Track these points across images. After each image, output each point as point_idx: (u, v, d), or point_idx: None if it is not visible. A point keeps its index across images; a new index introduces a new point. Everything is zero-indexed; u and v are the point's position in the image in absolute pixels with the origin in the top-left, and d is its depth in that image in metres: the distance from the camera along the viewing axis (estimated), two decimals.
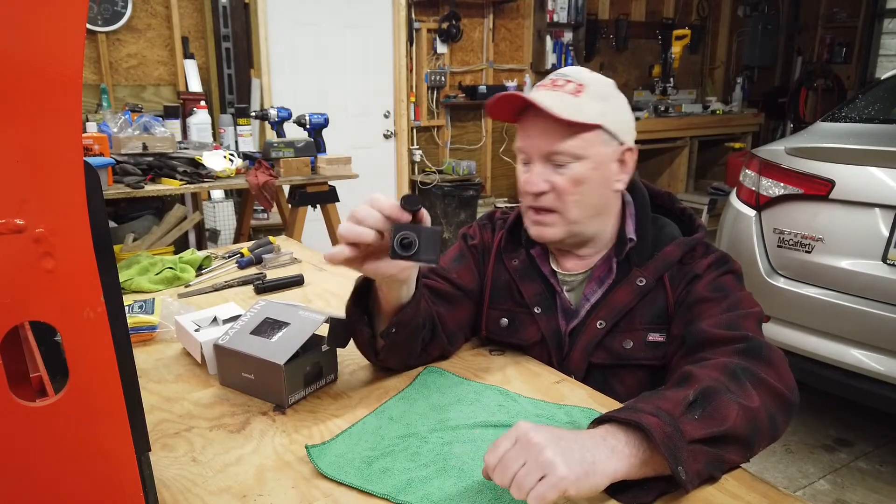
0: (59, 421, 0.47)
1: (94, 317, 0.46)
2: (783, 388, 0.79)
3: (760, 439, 0.75)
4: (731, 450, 0.72)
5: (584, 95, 0.92)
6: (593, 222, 0.97)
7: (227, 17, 3.64)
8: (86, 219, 0.45)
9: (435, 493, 0.69)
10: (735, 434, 0.71)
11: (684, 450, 0.67)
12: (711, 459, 0.69)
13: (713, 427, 0.69)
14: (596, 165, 0.93)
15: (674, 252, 0.96)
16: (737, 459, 0.73)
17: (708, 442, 0.69)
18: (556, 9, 4.92)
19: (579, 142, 0.91)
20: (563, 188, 0.92)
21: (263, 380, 0.90)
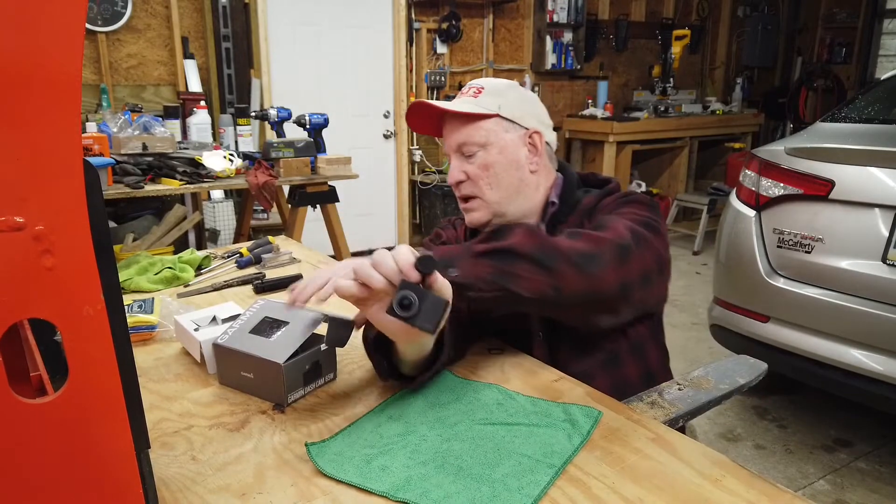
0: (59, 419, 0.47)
1: (93, 314, 0.47)
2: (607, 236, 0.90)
3: (561, 264, 0.85)
4: (519, 265, 0.85)
5: (482, 95, 1.07)
6: (514, 202, 1.09)
7: (227, 17, 3.65)
8: (85, 216, 0.45)
9: (433, 491, 0.69)
10: (518, 250, 0.85)
11: (465, 259, 0.84)
12: (495, 270, 0.85)
13: (494, 244, 0.86)
14: (500, 150, 1.06)
15: (590, 200, 1.10)
16: (530, 276, 0.85)
17: (491, 255, 0.85)
18: (556, 9, 4.92)
19: (479, 131, 1.05)
20: (475, 174, 1.06)
21: (263, 379, 0.90)
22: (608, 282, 0.88)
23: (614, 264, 0.89)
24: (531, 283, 0.85)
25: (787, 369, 2.19)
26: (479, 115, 1.05)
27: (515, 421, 0.82)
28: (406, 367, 0.91)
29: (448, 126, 1.09)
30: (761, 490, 0.69)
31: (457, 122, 1.07)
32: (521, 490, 0.69)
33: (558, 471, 0.72)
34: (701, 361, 2.88)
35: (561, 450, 0.76)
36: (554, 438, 0.78)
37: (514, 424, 0.81)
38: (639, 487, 0.70)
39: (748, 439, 2.31)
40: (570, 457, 0.75)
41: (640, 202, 1.04)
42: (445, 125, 1.10)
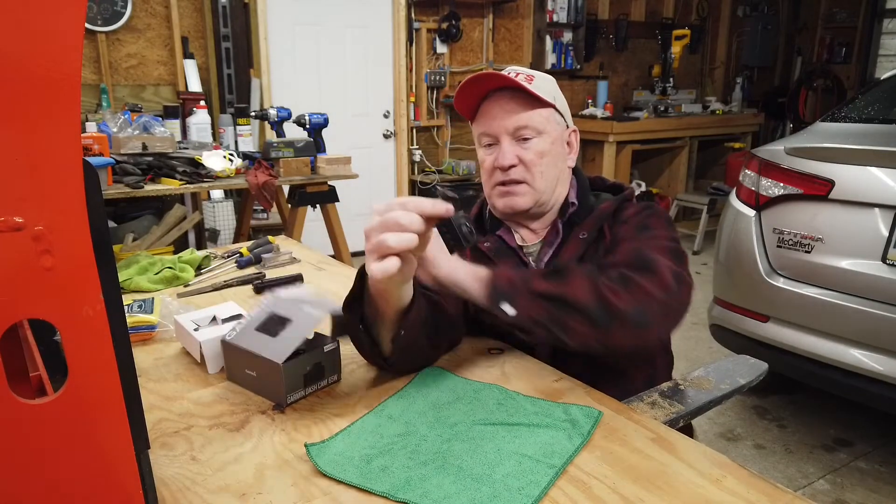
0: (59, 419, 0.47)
1: (93, 314, 0.47)
2: (655, 289, 0.88)
3: (614, 324, 0.85)
4: (573, 318, 0.85)
5: (536, 82, 1.07)
6: (553, 193, 1.10)
7: (226, 17, 3.65)
8: (85, 217, 0.45)
9: (434, 491, 0.69)
10: (576, 303, 0.85)
11: (524, 296, 0.85)
12: (550, 316, 0.85)
13: (555, 288, 0.86)
14: (553, 140, 1.07)
15: (608, 207, 1.09)
16: (581, 330, 0.85)
17: (549, 299, 0.85)
18: (555, 9, 4.92)
19: (539, 118, 1.06)
20: (530, 160, 1.06)
21: (265, 377, 0.90)
22: (654, 336, 0.90)
23: (662, 319, 0.89)
24: (581, 336, 0.87)
25: (786, 369, 2.19)
26: (542, 100, 1.05)
27: (516, 421, 0.82)
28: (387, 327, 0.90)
29: (499, 106, 1.05)
30: (762, 490, 0.69)
31: (515, 104, 1.04)
32: (521, 490, 0.68)
33: (559, 471, 0.72)
34: (701, 361, 2.88)
35: (561, 450, 0.76)
36: (554, 438, 0.78)
37: (515, 425, 0.81)
38: (639, 488, 0.70)
39: (748, 439, 2.31)
40: (571, 457, 0.75)
41: (660, 216, 1.06)
42: (493, 105, 1.06)
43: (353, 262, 3.13)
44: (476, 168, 4.68)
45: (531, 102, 1.04)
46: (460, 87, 1.06)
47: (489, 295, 0.86)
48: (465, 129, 4.92)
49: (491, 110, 1.07)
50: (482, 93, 1.07)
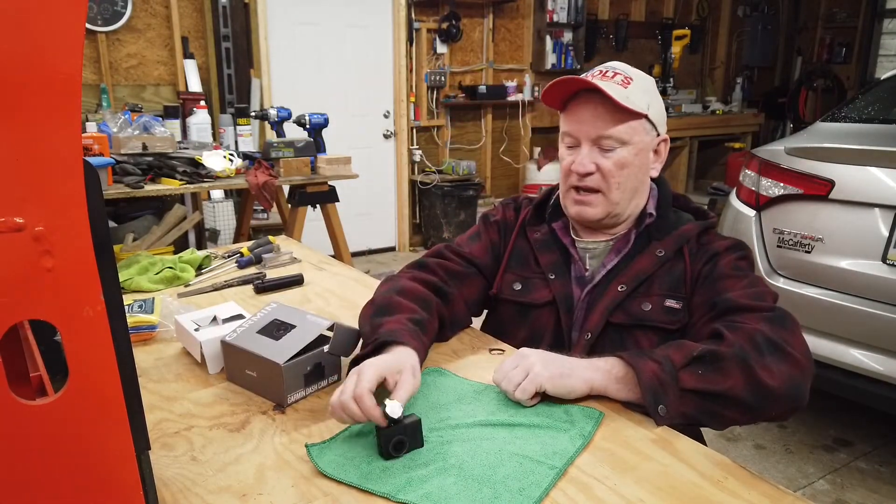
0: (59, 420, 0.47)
1: (93, 315, 0.46)
2: (802, 358, 0.86)
3: (771, 404, 0.83)
4: (728, 408, 0.83)
5: (632, 87, 1.00)
6: (629, 204, 1.05)
7: (226, 17, 3.64)
8: (85, 217, 0.45)
9: (434, 492, 0.69)
10: (731, 396, 0.82)
11: (673, 393, 0.81)
12: (703, 410, 0.83)
13: (707, 384, 0.82)
14: (637, 151, 1.02)
15: (692, 230, 1.04)
16: (738, 418, 0.85)
17: (701, 395, 0.82)
18: (555, 9, 4.92)
19: (626, 128, 1.00)
20: (609, 171, 1.01)
21: (265, 378, 0.90)
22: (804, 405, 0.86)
23: (808, 385, 0.86)
24: (732, 422, 0.86)
25: None
26: (632, 111, 0.98)
27: (517, 422, 0.82)
28: None
29: (589, 110, 1.00)
30: (763, 492, 0.69)
31: (603, 109, 0.99)
32: (522, 491, 0.68)
33: (560, 472, 0.72)
34: None
35: (562, 451, 0.76)
36: (555, 439, 0.78)
37: (516, 425, 0.81)
38: (640, 489, 0.70)
39: (748, 439, 2.31)
40: (572, 458, 0.75)
41: (749, 259, 1.02)
42: (583, 106, 1.01)
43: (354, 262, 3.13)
44: (476, 168, 4.68)
45: (622, 111, 0.98)
46: (550, 85, 1.02)
47: (640, 393, 0.82)
48: (465, 129, 4.92)
49: (578, 112, 1.02)
50: (573, 90, 1.02)
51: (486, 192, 4.96)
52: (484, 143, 4.99)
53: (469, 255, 1.13)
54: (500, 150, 5.07)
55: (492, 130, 4.99)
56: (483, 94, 4.65)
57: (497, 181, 5.12)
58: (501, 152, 5.08)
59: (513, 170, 5.16)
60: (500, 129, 5.04)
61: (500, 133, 5.05)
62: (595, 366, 0.87)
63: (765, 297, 0.93)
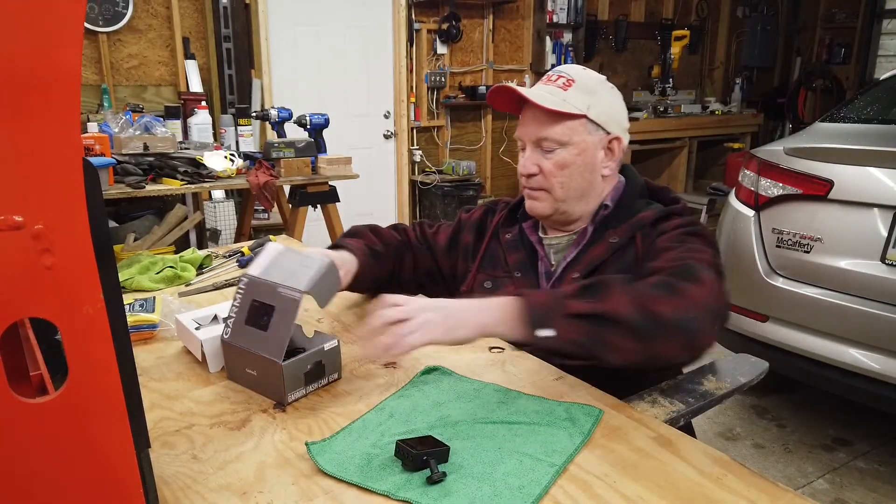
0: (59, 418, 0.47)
1: (93, 313, 0.47)
2: (703, 298, 0.84)
3: (660, 335, 0.82)
4: (615, 334, 0.81)
5: (572, 89, 1.05)
6: (578, 203, 1.09)
7: (227, 18, 3.65)
8: (85, 215, 0.45)
9: (434, 491, 0.69)
10: (618, 318, 0.81)
11: (559, 319, 0.81)
12: (592, 336, 0.82)
13: (593, 306, 0.82)
14: (580, 152, 1.05)
15: (649, 215, 1.06)
16: (626, 346, 0.82)
17: (588, 319, 0.81)
18: (555, 9, 4.92)
19: (563, 129, 1.04)
20: (550, 171, 1.06)
21: (265, 376, 0.90)
22: (704, 344, 0.86)
23: (710, 326, 0.85)
24: (625, 353, 0.82)
25: (786, 369, 2.19)
26: (567, 114, 1.03)
27: (516, 420, 0.82)
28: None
29: (530, 114, 1.07)
30: (762, 489, 0.69)
31: (541, 113, 1.04)
32: (522, 489, 0.69)
33: (559, 469, 0.72)
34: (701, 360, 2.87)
35: (562, 448, 0.76)
36: (555, 437, 0.78)
37: (516, 423, 0.81)
38: (640, 486, 0.70)
39: (747, 438, 2.31)
40: (572, 455, 0.75)
41: (703, 236, 1.01)
42: (526, 112, 1.08)
43: None
44: (476, 168, 4.69)
45: (557, 114, 1.03)
46: (488, 94, 1.11)
47: (526, 323, 0.82)
48: (466, 130, 4.93)
49: (524, 116, 1.09)
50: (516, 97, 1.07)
51: (486, 193, 4.96)
52: (484, 144, 4.99)
53: (430, 235, 1.26)
54: (500, 150, 5.07)
55: (492, 131, 4.99)
56: (483, 94, 4.65)
57: (497, 181, 5.13)
58: (501, 152, 5.08)
59: (512, 170, 5.16)
60: (500, 130, 5.04)
61: (500, 133, 5.05)
62: (487, 306, 0.85)
63: (688, 263, 0.91)
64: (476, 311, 0.85)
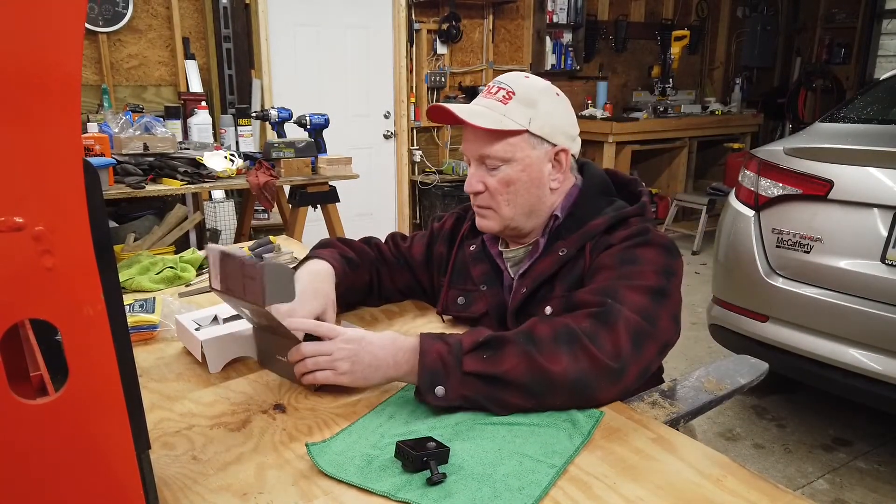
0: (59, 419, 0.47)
1: (93, 314, 0.47)
2: (603, 356, 0.84)
3: (550, 394, 0.83)
4: (509, 392, 0.83)
5: (513, 102, 0.99)
6: (528, 219, 1.06)
7: (227, 18, 3.65)
8: (85, 216, 0.45)
9: (434, 492, 0.69)
10: (511, 379, 0.82)
11: (454, 376, 0.83)
12: (486, 394, 0.83)
13: (487, 367, 0.83)
14: (524, 167, 1.01)
15: (599, 223, 1.01)
16: (516, 403, 0.84)
17: (482, 378, 0.83)
18: (555, 10, 4.92)
19: (505, 146, 1.00)
20: (495, 188, 1.02)
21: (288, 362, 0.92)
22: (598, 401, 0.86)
23: (606, 385, 0.84)
24: (516, 408, 0.84)
25: (786, 369, 2.19)
26: (506, 131, 0.98)
27: (516, 421, 0.82)
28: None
29: (470, 131, 1.02)
30: (762, 490, 0.69)
31: (481, 130, 0.99)
32: (521, 490, 0.69)
33: (559, 471, 0.72)
34: (701, 361, 2.88)
35: (562, 450, 0.76)
36: (555, 438, 0.78)
37: (515, 424, 0.82)
38: (640, 487, 0.70)
39: (747, 439, 2.31)
40: (571, 457, 0.75)
41: (654, 245, 0.96)
42: (467, 128, 1.02)
43: None
44: None
45: (496, 131, 0.98)
46: (428, 112, 1.06)
47: (423, 381, 0.84)
48: None
49: (465, 133, 1.04)
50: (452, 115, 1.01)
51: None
52: None
53: (405, 251, 1.25)
54: None
55: None
56: None
57: None
58: None
59: None
60: None
61: None
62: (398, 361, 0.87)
63: (619, 291, 0.90)
64: (388, 366, 0.88)
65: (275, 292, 0.81)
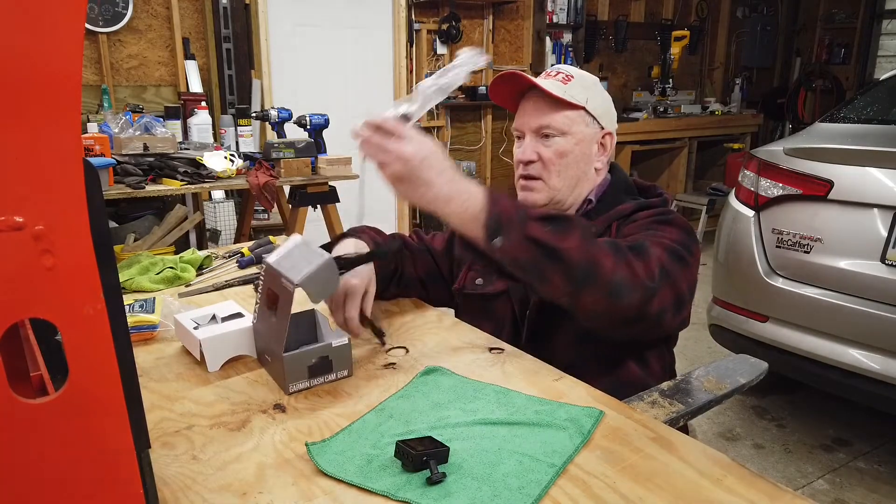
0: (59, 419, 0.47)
1: (93, 314, 0.47)
2: (640, 270, 0.90)
3: (590, 286, 0.86)
4: (555, 269, 0.85)
5: (572, 84, 1.11)
6: (571, 193, 1.13)
7: (227, 18, 3.65)
8: (85, 216, 0.45)
9: (434, 491, 0.69)
10: (565, 258, 0.84)
11: (515, 234, 0.83)
12: (533, 261, 0.84)
13: (550, 238, 0.84)
14: (578, 142, 1.10)
15: (627, 207, 1.11)
16: (557, 283, 0.86)
17: (539, 246, 0.84)
18: (555, 10, 4.92)
19: (564, 118, 1.09)
20: (549, 159, 1.10)
21: (274, 364, 0.94)
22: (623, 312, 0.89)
23: (637, 299, 0.89)
24: (554, 288, 0.87)
25: (785, 369, 2.19)
26: (568, 103, 1.08)
27: (516, 420, 0.82)
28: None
29: (531, 104, 1.11)
30: (762, 489, 0.69)
31: (543, 103, 1.09)
32: (521, 489, 0.69)
33: (559, 470, 0.72)
34: (701, 361, 2.88)
35: (562, 449, 0.76)
36: (555, 438, 0.78)
37: (515, 424, 0.82)
38: (640, 487, 0.70)
39: (747, 439, 2.31)
40: (571, 456, 0.75)
41: (676, 225, 1.04)
42: (527, 102, 1.12)
43: None
44: (476, 168, 4.69)
45: (559, 103, 1.08)
46: (492, 82, 1.14)
47: (483, 226, 0.83)
48: (465, 130, 4.93)
49: (523, 107, 1.13)
50: (517, 90, 1.13)
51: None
52: (484, 144, 4.99)
53: (429, 242, 1.30)
54: (500, 150, 5.07)
55: (492, 131, 4.99)
56: (483, 94, 4.65)
57: (497, 182, 5.13)
58: (501, 153, 5.08)
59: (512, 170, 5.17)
60: (500, 130, 5.04)
61: (500, 134, 5.05)
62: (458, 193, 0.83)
63: (642, 243, 0.96)
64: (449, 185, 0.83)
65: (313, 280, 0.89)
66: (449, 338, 1.11)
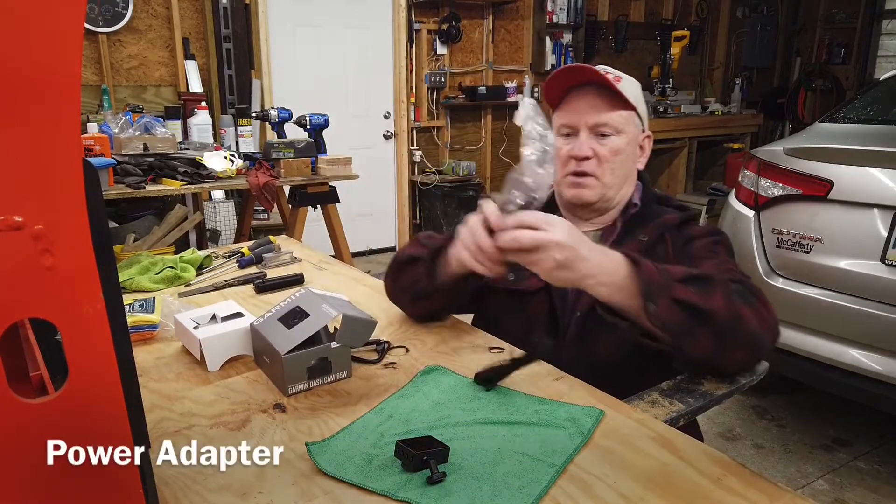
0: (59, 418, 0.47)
1: (93, 313, 0.47)
2: (770, 319, 0.90)
3: (734, 341, 0.86)
4: (702, 330, 0.84)
5: (622, 84, 1.11)
6: (620, 191, 1.14)
7: (227, 18, 3.65)
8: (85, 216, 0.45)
9: (434, 491, 0.69)
10: (712, 318, 0.83)
11: (664, 298, 0.82)
12: (684, 325, 0.83)
13: (697, 300, 0.83)
14: (629, 141, 1.12)
15: (673, 219, 1.12)
16: (703, 342, 0.84)
17: (688, 309, 0.82)
18: (555, 10, 4.92)
19: (619, 117, 1.10)
20: (605, 156, 1.10)
21: (273, 366, 0.93)
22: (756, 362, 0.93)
23: (770, 349, 0.91)
24: (701, 349, 0.85)
25: (786, 369, 2.19)
26: (626, 103, 1.10)
27: (516, 420, 0.82)
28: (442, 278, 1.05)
29: (586, 101, 1.10)
30: (762, 489, 0.69)
31: (600, 100, 1.09)
32: (521, 489, 0.69)
33: (559, 470, 0.72)
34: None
35: (562, 449, 0.76)
36: (555, 437, 0.78)
37: (515, 423, 0.81)
38: (640, 486, 0.70)
39: (747, 439, 2.31)
40: (571, 456, 0.75)
41: (727, 245, 1.09)
42: (580, 98, 1.11)
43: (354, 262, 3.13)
44: (476, 168, 4.69)
45: (616, 102, 1.09)
46: (553, 75, 1.12)
47: (638, 293, 0.82)
48: (465, 130, 4.93)
49: (576, 103, 1.11)
50: (571, 83, 1.12)
51: (486, 193, 4.96)
52: (484, 144, 4.99)
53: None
54: (500, 150, 5.07)
55: (492, 131, 4.99)
56: (483, 94, 4.65)
57: (497, 182, 5.13)
58: (501, 153, 5.08)
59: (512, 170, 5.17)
60: (500, 130, 5.04)
61: (500, 134, 5.05)
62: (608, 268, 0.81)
63: (738, 276, 0.97)
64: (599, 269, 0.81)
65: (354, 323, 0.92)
66: (449, 337, 1.11)
